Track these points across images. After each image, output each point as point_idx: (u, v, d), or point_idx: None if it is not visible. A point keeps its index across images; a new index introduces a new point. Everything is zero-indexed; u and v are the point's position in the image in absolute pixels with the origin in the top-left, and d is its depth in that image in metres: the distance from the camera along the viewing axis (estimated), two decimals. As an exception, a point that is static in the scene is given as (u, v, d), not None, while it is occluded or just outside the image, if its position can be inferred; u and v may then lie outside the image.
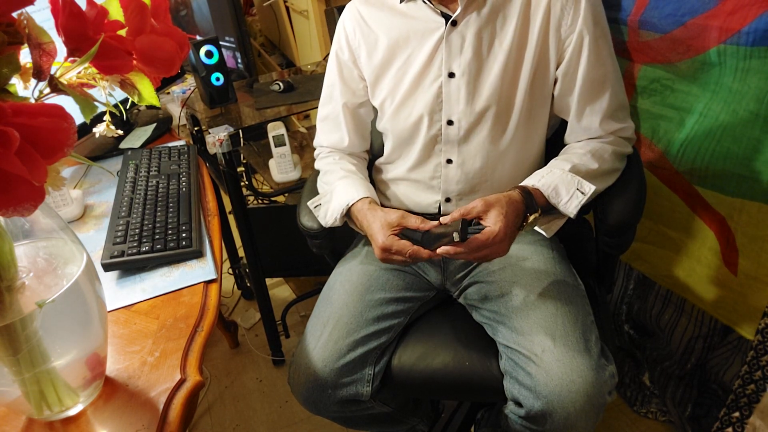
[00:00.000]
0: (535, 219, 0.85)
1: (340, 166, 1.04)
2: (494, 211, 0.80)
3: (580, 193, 0.86)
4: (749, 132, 0.93)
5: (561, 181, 0.87)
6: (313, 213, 1.03)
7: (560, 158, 0.93)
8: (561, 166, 0.89)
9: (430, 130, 0.96)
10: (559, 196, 0.87)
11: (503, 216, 0.80)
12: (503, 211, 0.80)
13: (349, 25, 1.01)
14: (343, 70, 1.03)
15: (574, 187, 0.87)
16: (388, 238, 0.86)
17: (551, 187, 0.87)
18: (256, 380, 1.65)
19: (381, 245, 0.86)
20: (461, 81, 0.91)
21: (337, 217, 0.96)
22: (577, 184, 0.87)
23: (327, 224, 1.00)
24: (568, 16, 0.87)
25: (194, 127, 1.37)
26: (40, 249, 0.58)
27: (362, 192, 0.96)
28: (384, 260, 0.88)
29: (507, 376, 0.85)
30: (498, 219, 0.80)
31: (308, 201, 1.05)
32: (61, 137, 0.43)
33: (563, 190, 0.87)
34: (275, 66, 2.55)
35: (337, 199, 0.97)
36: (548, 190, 0.87)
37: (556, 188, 0.87)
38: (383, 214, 0.89)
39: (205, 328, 0.73)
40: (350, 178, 1.00)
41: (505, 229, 0.79)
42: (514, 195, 0.84)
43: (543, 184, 0.87)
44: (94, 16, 0.51)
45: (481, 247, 0.79)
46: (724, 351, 1.14)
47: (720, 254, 1.06)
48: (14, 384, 0.56)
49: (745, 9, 0.85)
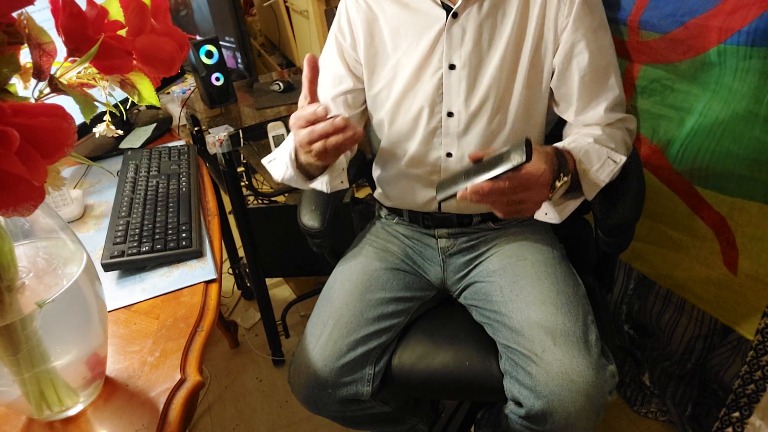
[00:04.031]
0: (566, 183, 0.77)
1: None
2: (535, 153, 0.70)
3: (612, 161, 0.82)
4: (749, 132, 0.93)
5: (591, 149, 0.83)
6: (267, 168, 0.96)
7: (577, 135, 0.88)
8: (584, 139, 0.85)
9: (429, 123, 0.95)
10: (590, 162, 0.82)
11: (545, 158, 0.74)
12: (543, 154, 0.74)
13: (352, 10, 0.98)
14: (342, 53, 1.01)
15: (605, 155, 0.83)
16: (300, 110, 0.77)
17: (582, 151, 0.82)
18: (256, 380, 1.65)
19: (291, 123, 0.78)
20: (462, 73, 0.91)
21: (287, 163, 0.89)
22: (607, 153, 0.83)
23: (280, 177, 0.93)
24: (564, 7, 0.87)
25: (194, 127, 1.37)
26: (40, 249, 0.58)
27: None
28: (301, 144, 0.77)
29: (507, 376, 0.85)
30: (541, 159, 0.72)
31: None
32: (61, 137, 0.43)
33: (594, 156, 0.82)
34: (275, 66, 2.54)
35: (284, 144, 0.93)
36: (580, 153, 0.81)
37: (587, 153, 0.82)
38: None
39: (205, 328, 0.73)
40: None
41: (549, 171, 0.72)
42: (548, 148, 0.78)
43: (574, 148, 0.82)
44: (94, 16, 0.51)
45: (524, 186, 0.70)
46: (724, 351, 1.14)
47: (720, 254, 1.06)
48: (14, 384, 0.56)
49: (745, 9, 0.85)
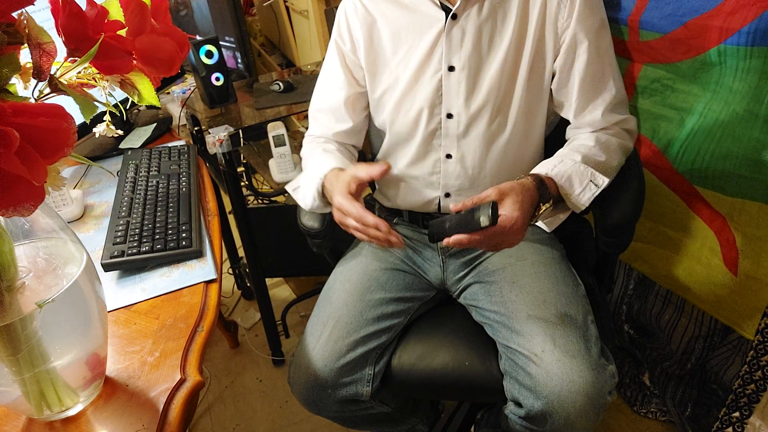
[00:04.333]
0: (547, 209, 0.83)
1: (322, 147, 1.02)
2: (510, 198, 0.77)
3: (594, 185, 0.85)
4: (749, 132, 0.93)
5: (574, 172, 0.85)
6: (293, 196, 1.00)
7: (569, 148, 0.91)
8: (572, 157, 0.87)
9: (429, 124, 0.95)
10: (572, 186, 0.85)
11: (519, 203, 0.77)
12: (519, 198, 0.78)
13: (350, 15, 0.99)
14: (343, 59, 1.01)
15: (588, 178, 0.85)
16: (345, 197, 0.82)
17: (564, 176, 0.85)
18: (256, 380, 1.65)
19: (335, 204, 0.84)
20: (461, 75, 0.91)
21: (315, 195, 0.93)
22: (590, 176, 0.85)
23: (307, 207, 0.97)
24: (564, 9, 0.87)
25: (194, 127, 1.37)
26: (40, 249, 0.58)
27: (334, 163, 0.93)
28: (339, 223, 0.86)
29: (507, 376, 0.85)
30: (515, 207, 0.77)
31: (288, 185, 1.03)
32: (61, 137, 0.43)
33: (576, 180, 0.85)
34: (275, 66, 2.54)
35: (310, 176, 0.95)
36: (562, 179, 0.84)
37: (570, 178, 0.85)
38: (345, 174, 0.87)
39: (205, 328, 0.73)
40: (326, 155, 0.98)
41: (522, 217, 0.77)
42: (528, 183, 0.82)
43: (556, 174, 0.85)
44: (94, 16, 0.51)
45: (498, 236, 0.76)
46: (724, 351, 1.14)
47: (720, 254, 1.06)
48: (14, 384, 0.56)
49: (745, 9, 0.85)
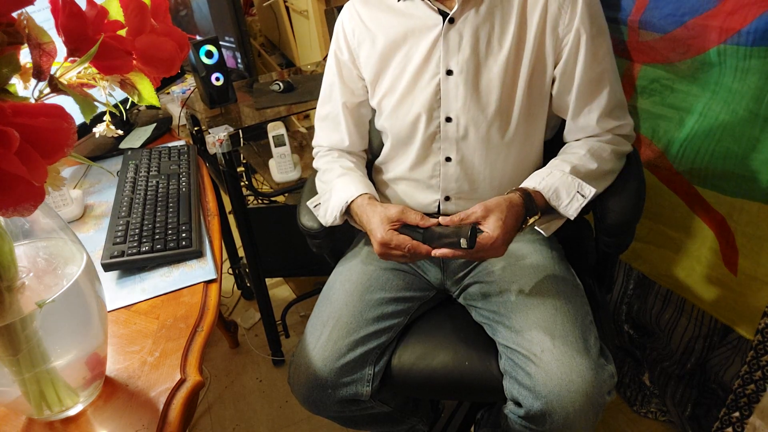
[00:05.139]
0: (535, 221, 0.87)
1: (339, 164, 1.04)
2: (493, 216, 0.82)
3: (581, 195, 0.87)
4: (749, 132, 0.93)
5: (561, 184, 0.87)
6: (313, 213, 1.03)
7: (559, 158, 0.93)
8: (561, 168, 0.89)
9: (428, 128, 0.95)
10: (559, 198, 0.87)
11: (502, 222, 0.81)
12: (502, 216, 0.82)
13: (347, 25, 1.01)
14: (342, 70, 1.03)
15: (575, 189, 0.87)
16: (387, 232, 0.86)
17: (552, 189, 0.87)
18: (256, 380, 1.65)
19: (380, 240, 0.86)
20: (459, 78, 0.91)
21: (336, 215, 0.96)
22: (577, 187, 0.87)
23: (327, 223, 0.99)
24: (566, 15, 0.87)
25: (194, 127, 1.37)
26: (40, 249, 0.58)
27: (361, 188, 0.96)
28: (382, 255, 0.88)
29: (506, 376, 0.85)
30: (497, 226, 0.81)
31: (308, 201, 1.05)
32: (61, 137, 0.43)
33: (563, 192, 0.87)
34: (275, 66, 2.55)
35: (336, 196, 0.97)
36: (549, 192, 0.87)
37: (557, 191, 0.87)
38: (383, 209, 0.89)
39: (205, 328, 0.73)
40: (349, 176, 1.00)
41: (503, 236, 0.81)
42: (515, 198, 0.85)
43: (544, 187, 0.88)
44: (94, 16, 0.51)
45: (478, 252, 0.82)
46: (724, 351, 1.14)
47: (720, 254, 1.06)
48: (14, 384, 0.56)
49: (745, 9, 0.85)
